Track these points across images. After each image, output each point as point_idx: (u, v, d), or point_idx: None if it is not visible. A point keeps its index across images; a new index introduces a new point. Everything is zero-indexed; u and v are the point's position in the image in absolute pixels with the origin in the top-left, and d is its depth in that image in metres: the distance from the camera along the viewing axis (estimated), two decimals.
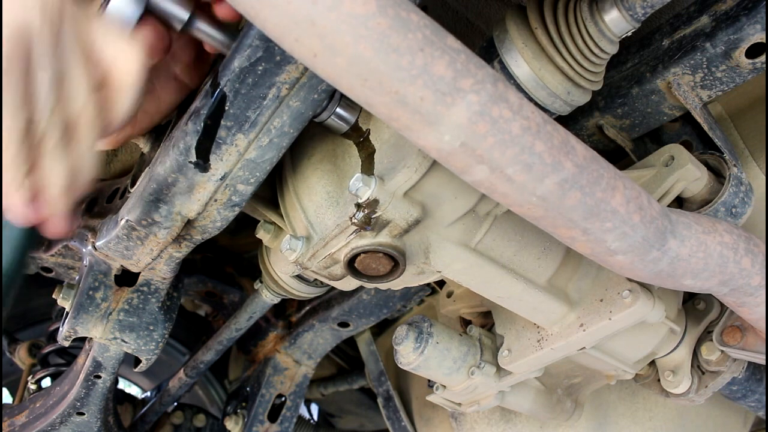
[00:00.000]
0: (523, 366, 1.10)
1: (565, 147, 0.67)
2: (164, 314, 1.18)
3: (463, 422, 1.58)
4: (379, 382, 1.88)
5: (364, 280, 0.92)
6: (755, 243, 0.87)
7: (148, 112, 0.94)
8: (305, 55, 0.58)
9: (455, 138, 0.62)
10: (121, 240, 0.97)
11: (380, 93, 0.59)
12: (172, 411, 2.07)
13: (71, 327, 1.12)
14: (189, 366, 1.77)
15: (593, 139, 1.16)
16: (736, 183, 0.97)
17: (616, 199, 0.71)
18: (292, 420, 1.85)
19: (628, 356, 1.15)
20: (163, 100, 0.94)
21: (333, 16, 0.55)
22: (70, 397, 1.39)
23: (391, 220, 0.84)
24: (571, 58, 0.85)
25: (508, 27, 0.85)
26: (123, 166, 1.54)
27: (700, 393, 1.18)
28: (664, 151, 0.99)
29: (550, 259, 1.03)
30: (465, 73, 0.60)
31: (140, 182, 0.98)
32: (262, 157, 0.88)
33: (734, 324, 1.11)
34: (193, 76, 0.94)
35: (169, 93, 0.94)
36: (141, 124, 0.94)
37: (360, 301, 1.61)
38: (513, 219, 0.97)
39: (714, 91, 1.02)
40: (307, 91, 0.82)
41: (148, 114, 0.94)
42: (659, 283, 0.84)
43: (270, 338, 1.86)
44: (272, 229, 1.12)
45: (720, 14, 0.97)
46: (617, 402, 1.46)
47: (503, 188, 0.67)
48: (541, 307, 1.02)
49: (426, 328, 1.12)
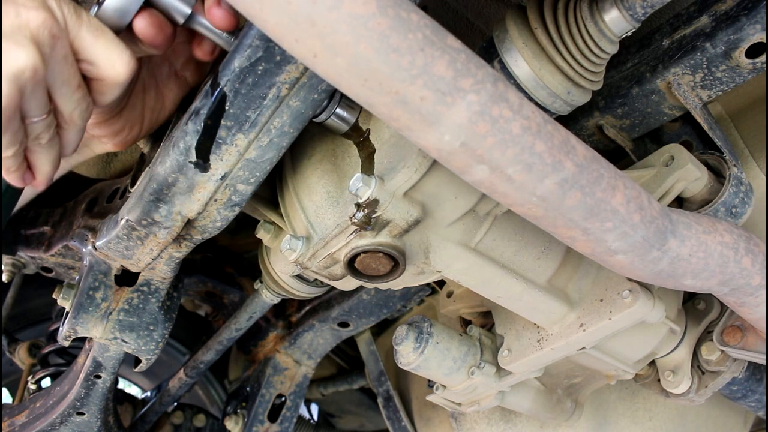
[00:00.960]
0: (523, 366, 1.10)
1: (565, 147, 0.67)
2: (164, 314, 1.18)
3: (463, 422, 1.58)
4: (379, 382, 1.88)
5: (364, 280, 0.92)
6: (755, 243, 0.87)
7: (153, 110, 0.95)
8: (305, 55, 0.58)
9: (455, 138, 0.62)
10: (121, 240, 0.97)
11: (380, 93, 0.59)
12: (172, 411, 2.06)
13: (71, 327, 1.12)
14: (189, 366, 1.77)
15: (593, 139, 1.16)
16: (736, 183, 0.97)
17: (616, 198, 0.71)
18: (292, 420, 1.85)
19: (628, 356, 1.15)
20: (166, 97, 0.95)
21: (333, 16, 0.55)
22: (70, 397, 1.39)
23: (391, 220, 0.84)
24: (571, 58, 0.85)
25: (508, 27, 0.85)
26: (123, 166, 1.54)
27: (700, 393, 1.18)
28: (664, 151, 0.99)
29: (550, 259, 1.03)
30: (465, 72, 0.60)
31: (140, 182, 0.98)
32: (262, 157, 0.88)
33: (734, 324, 1.11)
34: (195, 71, 0.95)
35: (171, 90, 0.95)
36: (147, 122, 0.95)
37: (360, 301, 1.61)
38: (513, 219, 0.97)
39: (714, 91, 1.02)
40: (307, 91, 0.82)
41: (153, 112, 0.95)
42: (659, 283, 0.84)
43: (270, 338, 1.86)
44: (272, 229, 1.12)
45: (720, 14, 0.97)
46: (617, 402, 1.46)
47: (503, 188, 0.67)
48: (541, 307, 1.02)
49: (426, 328, 1.12)
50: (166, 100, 0.95)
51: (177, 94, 0.96)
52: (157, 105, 0.95)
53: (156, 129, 0.99)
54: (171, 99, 0.95)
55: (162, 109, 0.96)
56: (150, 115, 0.95)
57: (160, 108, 0.95)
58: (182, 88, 0.96)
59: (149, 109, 0.94)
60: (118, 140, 0.94)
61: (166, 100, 0.95)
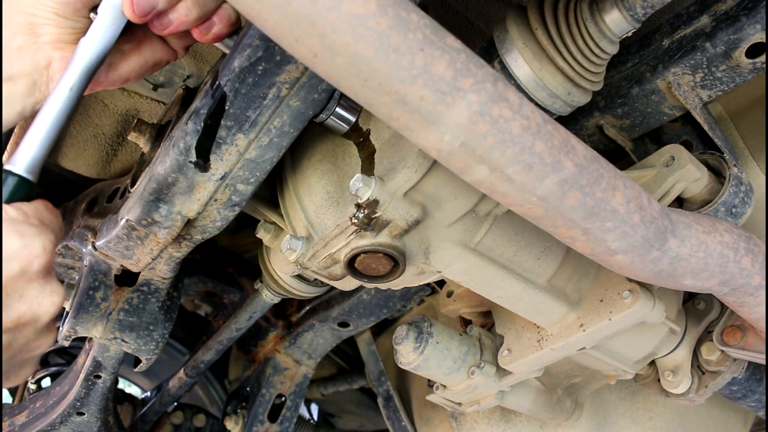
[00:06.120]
0: (523, 366, 1.10)
1: (565, 147, 0.67)
2: (164, 314, 1.18)
3: (463, 422, 1.58)
4: (379, 382, 1.88)
5: (364, 280, 0.92)
6: (755, 243, 0.87)
7: (129, 63, 0.92)
8: (305, 55, 0.58)
9: (455, 138, 0.62)
10: (121, 240, 0.97)
11: (380, 93, 0.59)
12: (172, 411, 2.06)
13: (71, 327, 1.12)
14: (189, 366, 1.77)
15: (593, 139, 1.16)
16: (736, 183, 0.97)
17: (616, 198, 0.71)
18: (292, 420, 1.85)
19: (628, 356, 1.15)
20: (144, 56, 0.93)
21: (333, 16, 0.55)
22: (70, 397, 1.39)
23: (391, 221, 0.84)
24: (572, 58, 0.85)
25: (508, 27, 0.85)
26: (123, 166, 1.54)
27: (700, 393, 1.18)
28: (665, 152, 0.98)
29: (550, 259, 1.03)
30: (465, 72, 0.60)
31: (140, 182, 0.98)
32: (262, 157, 0.88)
33: (734, 324, 1.11)
34: (180, 38, 0.93)
35: (152, 51, 0.93)
36: (120, 72, 0.92)
37: (360, 301, 1.61)
38: (513, 219, 0.97)
39: (714, 91, 1.02)
40: (307, 91, 0.82)
41: (128, 64, 0.92)
42: (659, 283, 0.84)
43: (270, 338, 1.86)
44: (272, 229, 1.12)
45: (720, 14, 0.97)
46: (617, 402, 1.46)
47: (503, 188, 0.67)
48: (541, 307, 1.02)
49: (426, 328, 1.12)
50: (143, 59, 0.93)
51: (156, 57, 0.94)
52: (134, 59, 0.92)
53: (123, 83, 0.96)
54: (149, 59, 0.93)
55: (138, 65, 0.93)
56: (123, 66, 0.92)
57: (135, 63, 0.93)
58: (163, 51, 0.94)
59: (125, 60, 0.92)
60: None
61: (142, 59, 0.93)
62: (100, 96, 1.42)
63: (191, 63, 1.38)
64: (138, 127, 1.10)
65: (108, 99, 1.42)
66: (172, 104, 1.16)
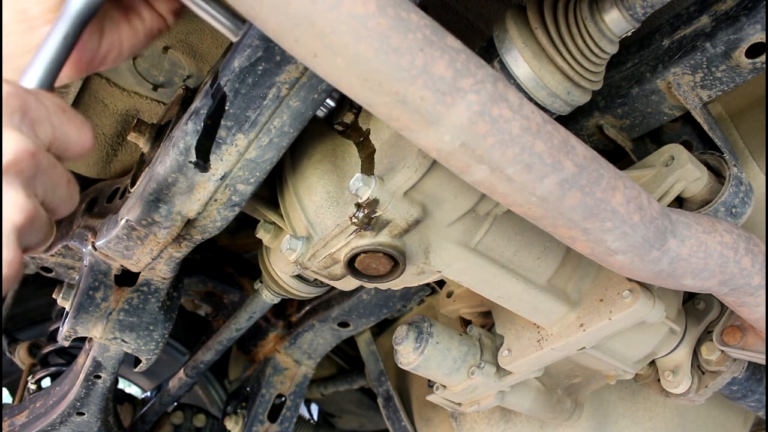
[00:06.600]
0: (523, 366, 1.10)
1: (565, 147, 0.67)
2: (164, 314, 1.18)
3: (463, 422, 1.58)
4: (379, 382, 1.88)
5: (364, 280, 0.92)
6: (755, 243, 0.87)
7: (120, 32, 0.88)
8: (305, 55, 0.58)
9: (455, 138, 0.62)
10: (121, 240, 0.97)
11: (380, 93, 0.59)
12: (172, 411, 2.07)
13: (71, 327, 1.12)
14: (189, 366, 1.77)
15: (593, 139, 1.16)
16: (736, 183, 0.97)
17: (616, 198, 0.71)
18: (292, 420, 1.85)
19: (628, 356, 1.15)
20: (134, 25, 0.89)
21: (333, 16, 0.55)
22: (70, 397, 1.39)
23: (391, 220, 0.84)
24: (571, 58, 0.85)
25: (508, 27, 0.85)
26: (123, 166, 1.54)
27: (700, 393, 1.18)
28: (664, 151, 0.99)
29: (550, 259, 1.03)
30: (465, 72, 0.60)
31: (140, 182, 0.98)
32: (262, 157, 0.88)
33: (734, 324, 1.11)
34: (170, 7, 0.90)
35: (140, 19, 0.89)
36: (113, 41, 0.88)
37: (360, 301, 1.61)
38: (513, 219, 0.97)
39: (714, 91, 1.02)
40: (307, 91, 0.82)
41: (119, 33, 0.88)
42: (659, 283, 0.84)
43: (270, 338, 1.86)
44: (272, 229, 1.12)
45: (720, 14, 0.97)
46: (617, 402, 1.46)
47: (503, 188, 0.67)
48: (541, 307, 1.02)
49: (426, 328, 1.12)
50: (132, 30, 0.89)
51: (146, 27, 0.90)
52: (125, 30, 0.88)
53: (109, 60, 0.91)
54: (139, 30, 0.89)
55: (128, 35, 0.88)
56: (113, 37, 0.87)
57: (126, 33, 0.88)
58: (153, 21, 0.90)
59: (116, 31, 0.87)
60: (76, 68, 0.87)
61: (132, 30, 0.88)
62: (100, 96, 1.42)
63: (191, 63, 1.38)
64: (138, 127, 1.10)
65: (108, 99, 1.42)
66: (172, 104, 1.16)
